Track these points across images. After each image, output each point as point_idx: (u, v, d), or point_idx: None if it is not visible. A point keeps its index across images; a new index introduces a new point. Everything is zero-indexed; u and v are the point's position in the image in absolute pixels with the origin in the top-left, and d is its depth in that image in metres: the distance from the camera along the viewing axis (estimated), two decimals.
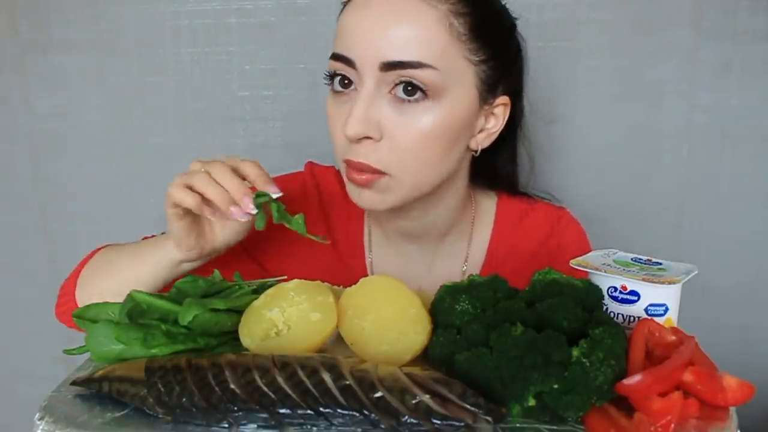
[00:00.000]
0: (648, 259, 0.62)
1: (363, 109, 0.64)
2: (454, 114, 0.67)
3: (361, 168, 0.66)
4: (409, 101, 0.65)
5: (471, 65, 0.67)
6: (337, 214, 0.82)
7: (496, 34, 0.70)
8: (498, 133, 0.73)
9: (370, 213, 0.80)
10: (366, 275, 0.79)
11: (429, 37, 0.64)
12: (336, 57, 0.67)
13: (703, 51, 1.03)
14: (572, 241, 0.82)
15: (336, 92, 0.68)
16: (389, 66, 0.63)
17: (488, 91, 0.70)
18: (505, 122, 0.73)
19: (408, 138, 0.65)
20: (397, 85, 0.64)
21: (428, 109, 0.65)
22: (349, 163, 0.67)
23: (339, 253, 0.81)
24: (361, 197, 0.69)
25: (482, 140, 0.73)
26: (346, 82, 0.67)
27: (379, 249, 0.82)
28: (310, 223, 0.79)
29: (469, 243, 0.81)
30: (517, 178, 0.85)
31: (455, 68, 0.66)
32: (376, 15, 0.64)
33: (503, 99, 0.72)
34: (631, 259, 0.62)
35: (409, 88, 0.64)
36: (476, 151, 0.73)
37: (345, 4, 0.69)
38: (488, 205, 0.83)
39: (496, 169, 0.82)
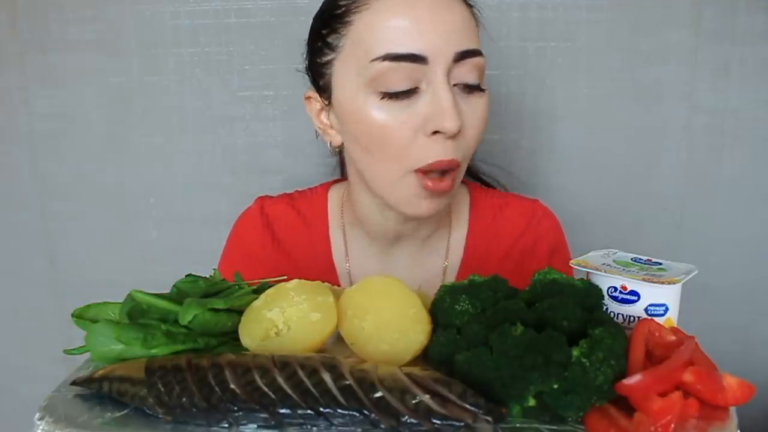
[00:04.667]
0: (648, 259, 0.62)
1: (454, 100, 0.64)
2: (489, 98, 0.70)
3: (451, 166, 0.65)
4: (472, 90, 0.66)
5: None
6: (298, 244, 0.82)
7: None
8: None
9: (365, 218, 0.79)
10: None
11: (473, 25, 0.68)
12: (396, 57, 0.63)
13: (703, 52, 1.03)
14: (548, 233, 0.83)
15: (391, 97, 0.64)
16: (463, 55, 0.64)
17: None
18: None
19: (475, 127, 0.67)
20: (462, 82, 0.65)
21: (482, 96, 0.68)
22: (438, 165, 0.65)
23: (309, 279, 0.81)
24: (429, 207, 0.68)
25: None
26: (406, 86, 0.64)
27: (359, 257, 0.81)
28: (268, 263, 0.81)
29: (448, 241, 0.81)
30: None
31: None
32: (430, 7, 0.64)
33: None
34: (631, 259, 0.62)
35: (473, 76, 0.66)
36: None
37: (359, 6, 0.66)
38: (462, 200, 0.84)
39: None
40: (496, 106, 1.06)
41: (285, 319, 0.54)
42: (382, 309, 0.54)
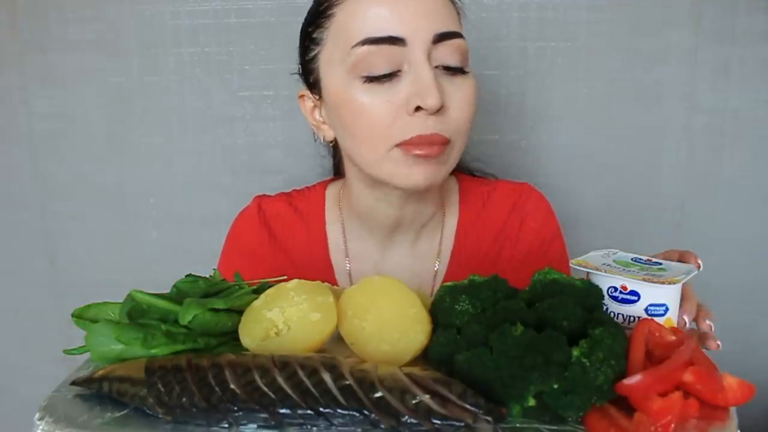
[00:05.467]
0: (648, 259, 0.62)
1: (434, 78, 0.65)
2: (476, 82, 0.71)
3: (433, 141, 0.66)
4: (455, 71, 0.68)
5: None
6: (295, 240, 0.83)
7: None
8: None
9: (362, 207, 0.79)
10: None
11: (454, 9, 0.69)
12: (376, 40, 0.65)
13: (703, 52, 1.03)
14: (534, 210, 0.83)
15: (373, 80, 0.66)
16: (442, 37, 0.66)
17: None
18: None
19: (462, 106, 0.68)
20: (442, 64, 0.66)
21: (467, 78, 0.69)
22: (419, 140, 0.66)
23: (307, 277, 0.81)
24: (425, 173, 0.68)
25: None
26: (387, 70, 0.66)
27: (358, 251, 0.82)
28: (266, 260, 0.82)
29: (442, 230, 0.83)
30: None
31: None
32: None
33: None
34: (631, 259, 0.62)
35: (455, 58, 0.67)
36: None
37: None
38: (452, 189, 0.85)
39: None
40: (495, 107, 1.06)
41: (285, 319, 0.54)
42: (382, 309, 0.54)
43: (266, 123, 1.09)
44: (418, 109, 0.65)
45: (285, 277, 0.60)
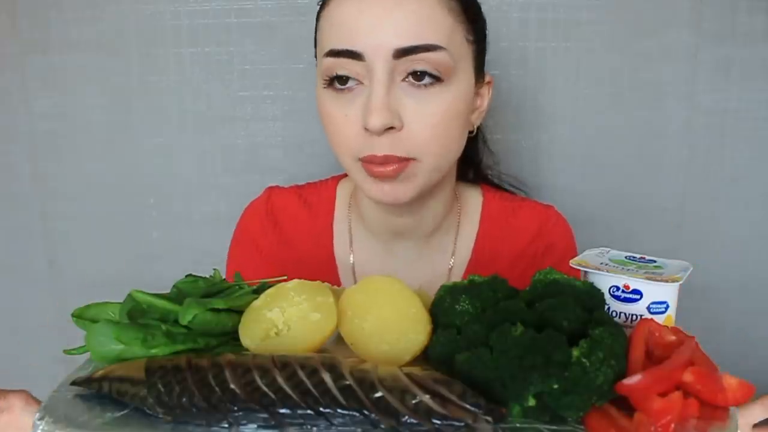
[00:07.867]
0: (641, 257, 0.62)
1: (383, 99, 0.63)
2: (463, 93, 0.68)
3: (387, 161, 0.65)
4: (425, 86, 0.65)
5: (467, 45, 0.69)
6: (300, 233, 0.83)
7: (479, 15, 0.72)
8: (486, 111, 0.75)
9: (363, 209, 0.80)
10: (338, 284, 0.80)
11: (436, 19, 0.65)
12: (337, 53, 0.65)
13: (703, 52, 1.03)
14: (559, 240, 0.82)
15: (337, 90, 0.67)
16: (403, 52, 0.63)
17: (478, 70, 0.72)
18: (490, 100, 0.76)
19: (429, 123, 0.66)
20: (411, 72, 0.64)
21: (443, 92, 0.66)
22: (372, 159, 0.66)
23: (309, 271, 0.80)
24: (384, 192, 0.68)
25: (476, 119, 0.75)
26: (344, 78, 0.66)
27: (363, 252, 0.81)
28: (268, 250, 0.82)
29: (455, 240, 0.81)
30: (481, 166, 0.88)
31: (459, 48, 0.67)
32: (378, 3, 0.64)
33: (488, 77, 0.75)
34: (625, 257, 0.62)
35: (423, 72, 0.64)
36: (472, 131, 0.75)
37: (326, 3, 0.68)
38: (474, 201, 0.83)
39: (468, 158, 0.83)
40: (496, 106, 1.06)
41: (285, 319, 0.54)
42: (382, 309, 0.54)
43: (266, 123, 1.09)
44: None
45: (285, 277, 0.60)
